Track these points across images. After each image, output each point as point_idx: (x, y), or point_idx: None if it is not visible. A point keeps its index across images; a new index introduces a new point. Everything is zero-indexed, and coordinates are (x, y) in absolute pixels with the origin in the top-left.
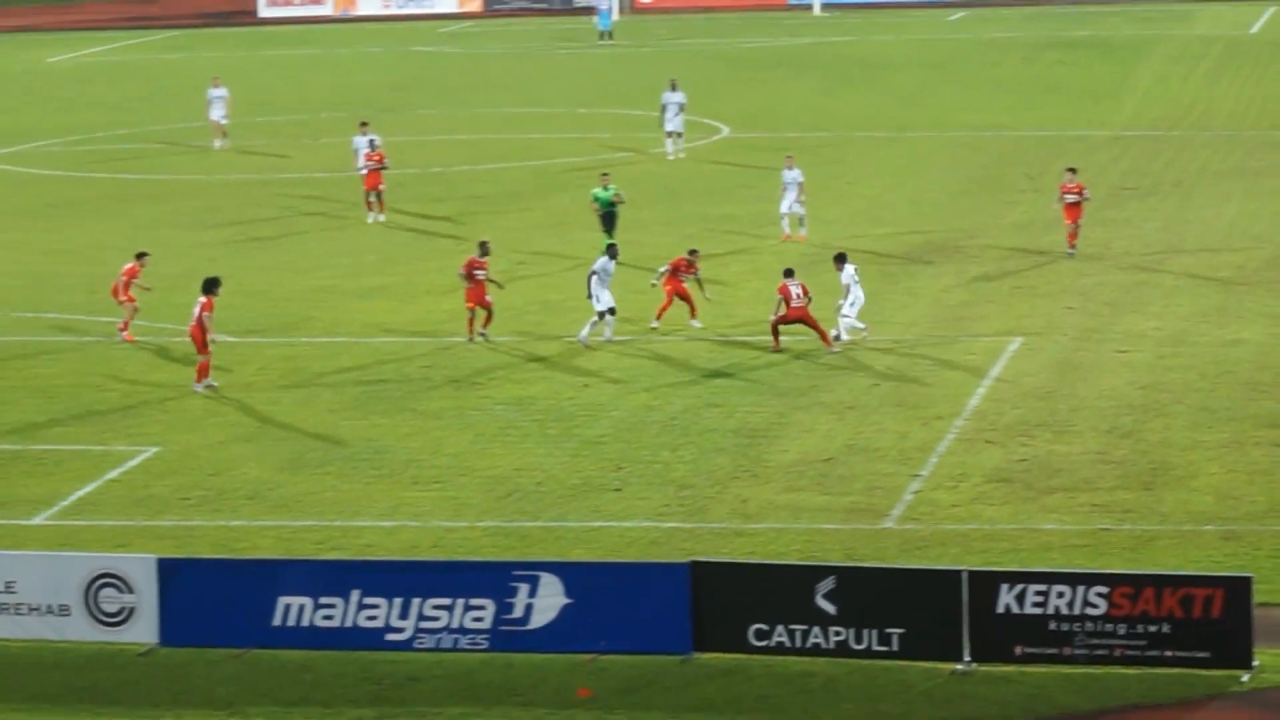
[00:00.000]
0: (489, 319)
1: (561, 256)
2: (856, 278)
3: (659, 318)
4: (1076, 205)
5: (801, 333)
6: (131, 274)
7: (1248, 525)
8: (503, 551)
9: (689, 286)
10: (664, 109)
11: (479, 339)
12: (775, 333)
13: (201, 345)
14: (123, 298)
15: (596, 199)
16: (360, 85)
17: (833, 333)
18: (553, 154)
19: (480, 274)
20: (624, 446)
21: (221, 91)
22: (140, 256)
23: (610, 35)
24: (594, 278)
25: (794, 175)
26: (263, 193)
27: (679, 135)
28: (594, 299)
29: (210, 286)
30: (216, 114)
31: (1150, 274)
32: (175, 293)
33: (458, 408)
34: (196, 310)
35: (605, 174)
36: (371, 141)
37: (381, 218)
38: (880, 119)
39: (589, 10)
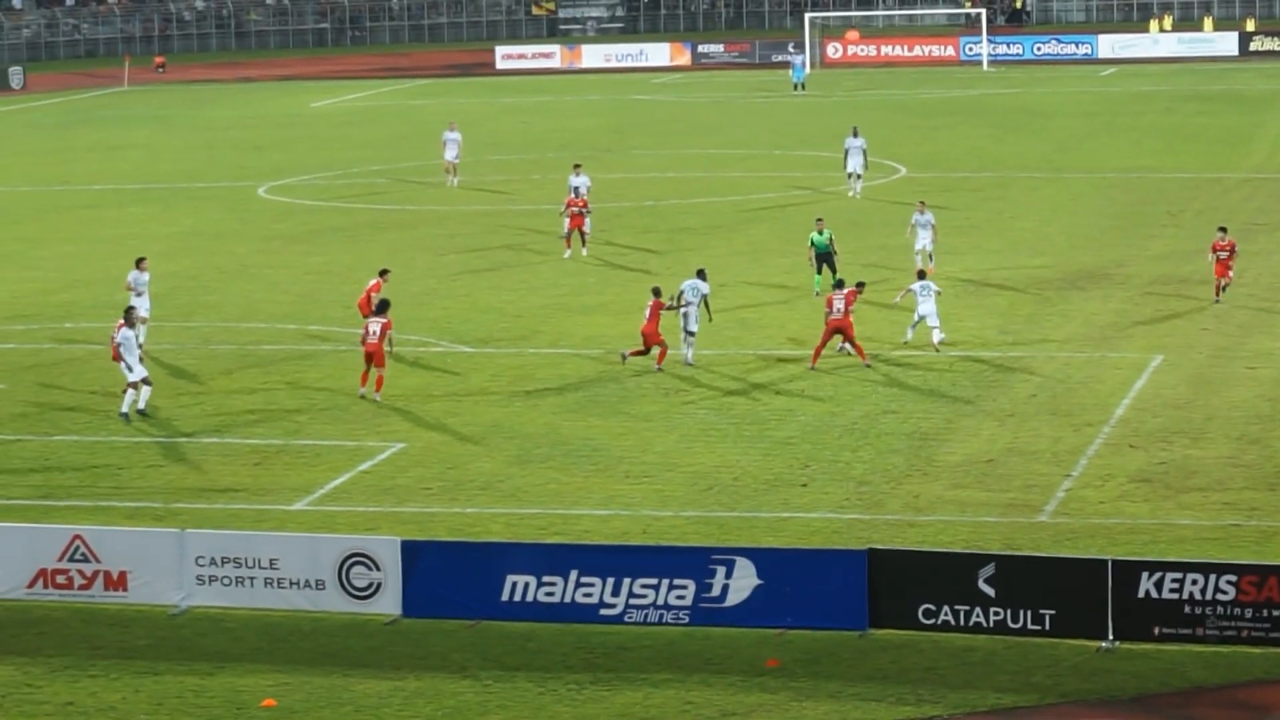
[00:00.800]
0: (663, 354)
1: (760, 285)
2: (927, 294)
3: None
4: (1226, 261)
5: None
6: (375, 289)
7: None
8: (703, 538)
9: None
10: (846, 153)
11: (656, 371)
12: (817, 350)
13: (380, 360)
14: (367, 312)
15: (813, 244)
16: (583, 128)
17: (937, 337)
18: (751, 190)
19: (662, 311)
20: (810, 447)
21: (455, 135)
22: (383, 274)
23: (803, 86)
24: (690, 301)
25: (926, 218)
26: (496, 222)
27: (859, 176)
28: (685, 318)
29: (384, 308)
30: (450, 155)
31: (1278, 300)
32: (422, 308)
33: (665, 412)
34: (377, 329)
35: (820, 219)
36: (576, 189)
37: (584, 252)
38: (1040, 161)
39: (785, 64)
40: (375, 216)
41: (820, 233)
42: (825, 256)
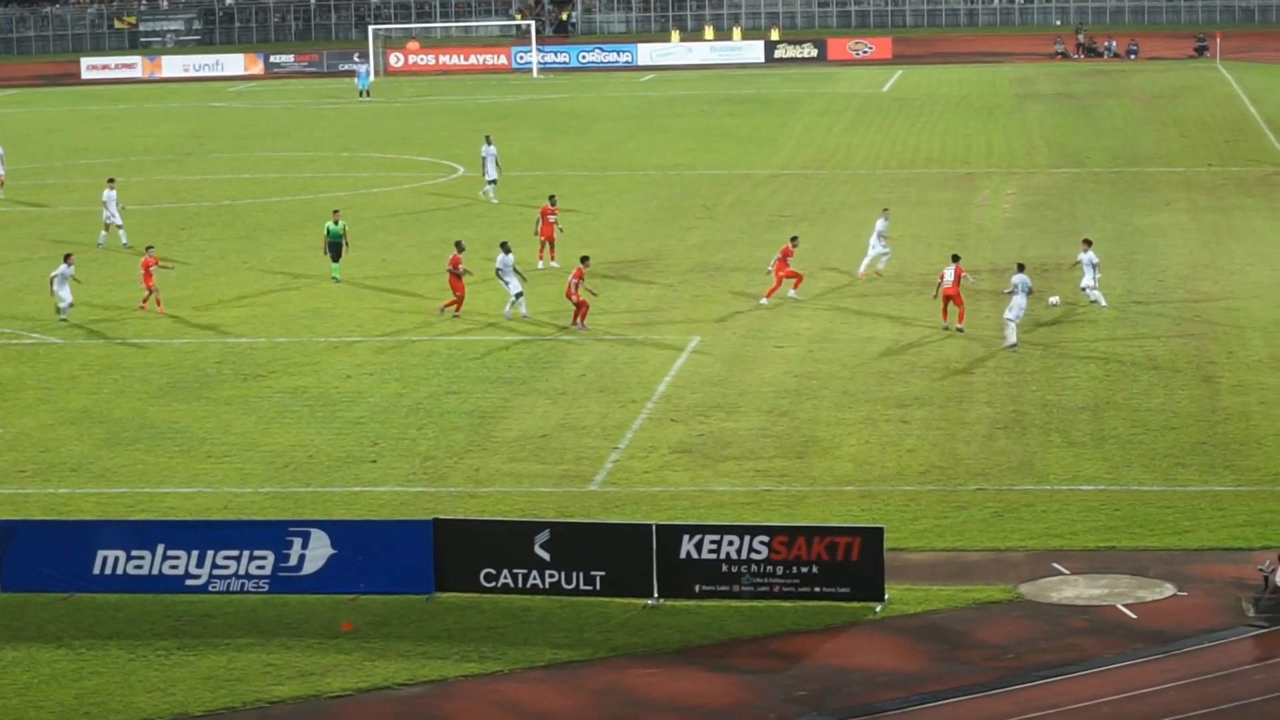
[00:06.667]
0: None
1: (330, 277)
2: (1095, 260)
3: (768, 296)
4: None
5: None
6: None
7: (880, 486)
8: (280, 512)
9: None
10: (484, 161)
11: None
12: (944, 309)
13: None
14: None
15: (328, 232)
16: (164, 134)
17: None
18: (321, 189)
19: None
20: (379, 426)
21: None
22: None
23: (368, 93)
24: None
25: (881, 224)
26: (84, 222)
27: (494, 182)
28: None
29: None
30: None
31: (803, 283)
32: (15, 303)
33: (244, 396)
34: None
35: (336, 210)
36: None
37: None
38: (586, 161)
39: (351, 73)
40: None
41: (335, 223)
42: (336, 245)
